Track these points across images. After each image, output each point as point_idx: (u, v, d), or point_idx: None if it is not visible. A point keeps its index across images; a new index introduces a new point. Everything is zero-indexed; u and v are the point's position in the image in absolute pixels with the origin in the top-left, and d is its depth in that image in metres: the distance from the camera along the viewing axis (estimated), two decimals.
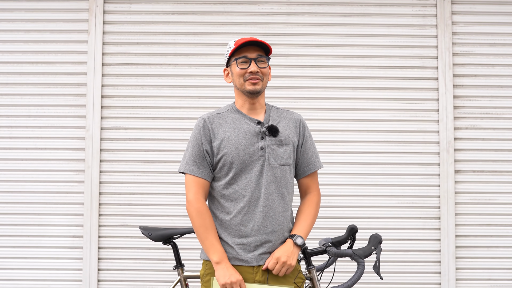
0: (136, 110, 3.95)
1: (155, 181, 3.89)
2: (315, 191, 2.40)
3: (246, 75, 2.23)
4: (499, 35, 3.98)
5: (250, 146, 2.21)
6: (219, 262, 2.14)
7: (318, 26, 4.00)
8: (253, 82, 2.22)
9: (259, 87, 2.23)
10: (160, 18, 4.00)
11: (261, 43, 2.23)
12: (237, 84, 2.26)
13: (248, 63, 2.23)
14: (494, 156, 3.93)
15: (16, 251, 3.87)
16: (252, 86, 2.22)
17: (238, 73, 2.24)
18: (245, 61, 2.23)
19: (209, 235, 2.17)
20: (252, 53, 2.23)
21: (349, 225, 2.75)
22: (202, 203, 2.22)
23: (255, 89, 2.23)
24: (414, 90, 3.97)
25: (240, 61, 2.23)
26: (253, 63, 2.22)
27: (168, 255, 3.83)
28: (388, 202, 3.91)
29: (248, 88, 2.23)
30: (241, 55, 2.23)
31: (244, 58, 2.22)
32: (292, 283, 2.24)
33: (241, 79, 2.24)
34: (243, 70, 2.23)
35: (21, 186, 3.90)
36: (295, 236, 2.23)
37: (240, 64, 2.23)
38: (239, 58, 2.23)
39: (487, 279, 3.88)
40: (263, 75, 2.25)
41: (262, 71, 2.24)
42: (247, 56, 2.22)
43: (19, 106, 3.94)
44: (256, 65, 2.22)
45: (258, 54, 2.24)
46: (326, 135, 3.93)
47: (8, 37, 3.97)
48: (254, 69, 2.21)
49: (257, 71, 2.22)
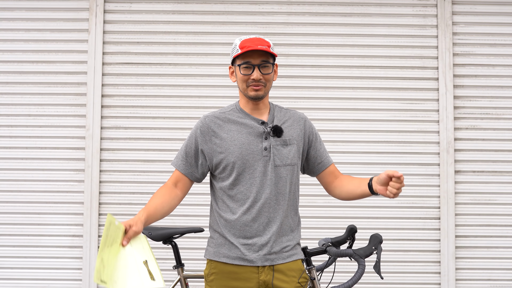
0: (136, 109, 3.95)
1: (155, 181, 3.89)
2: (341, 173, 2.37)
3: (249, 81, 2.20)
4: (500, 36, 3.99)
5: (254, 146, 2.21)
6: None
7: (318, 26, 4.00)
8: (255, 89, 2.20)
9: (261, 93, 2.21)
10: (161, 17, 4.00)
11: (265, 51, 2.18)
12: (240, 88, 2.25)
13: (252, 69, 2.18)
14: (494, 157, 3.94)
15: (16, 250, 3.87)
16: (254, 92, 2.20)
17: (241, 79, 2.21)
18: (248, 66, 2.18)
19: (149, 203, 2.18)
20: (256, 59, 2.18)
21: (349, 225, 2.75)
22: (163, 187, 2.23)
23: (257, 95, 2.21)
24: (414, 90, 3.97)
25: (243, 67, 2.20)
26: (256, 70, 2.18)
27: (168, 254, 3.82)
28: (388, 202, 3.91)
29: (250, 94, 2.21)
30: (245, 60, 2.19)
31: (248, 64, 2.18)
32: (296, 282, 2.24)
33: (244, 84, 2.22)
34: (246, 76, 2.19)
35: (21, 185, 3.90)
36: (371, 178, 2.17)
37: (243, 69, 2.19)
38: (243, 64, 2.19)
39: (487, 280, 3.88)
40: (267, 81, 2.21)
41: (265, 77, 2.20)
42: (250, 62, 2.18)
43: (19, 105, 3.94)
44: (260, 72, 2.18)
45: (262, 60, 2.18)
46: (326, 135, 3.93)
47: (9, 36, 3.97)
48: (257, 76, 2.18)
49: (260, 79, 2.18)
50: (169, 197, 2.23)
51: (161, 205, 2.18)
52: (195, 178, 2.29)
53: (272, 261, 2.20)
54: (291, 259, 2.24)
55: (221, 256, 2.22)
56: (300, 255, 2.29)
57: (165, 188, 2.24)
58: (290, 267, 2.23)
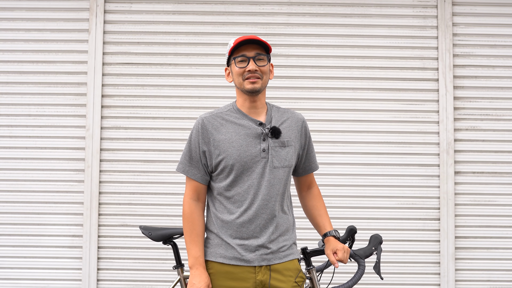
0: (136, 109, 3.95)
1: (155, 181, 3.89)
2: (315, 184, 2.48)
3: (245, 74, 2.20)
4: (500, 37, 3.99)
5: (252, 148, 2.20)
6: (191, 267, 2.21)
7: (318, 26, 4.00)
8: (252, 81, 2.19)
9: (258, 86, 2.21)
10: (161, 17, 4.00)
11: (259, 41, 2.21)
12: (236, 83, 2.25)
13: (247, 61, 2.20)
14: (494, 158, 3.94)
15: (15, 250, 3.87)
16: (251, 85, 2.20)
17: (237, 72, 2.22)
18: (244, 59, 2.20)
19: (190, 238, 2.23)
20: (251, 52, 2.20)
21: (348, 226, 2.75)
22: (194, 207, 2.26)
23: (254, 88, 2.20)
24: (414, 91, 3.97)
25: (238, 60, 2.21)
26: (252, 62, 2.19)
27: (168, 255, 3.82)
28: (388, 203, 3.91)
29: (247, 87, 2.21)
30: (240, 54, 2.21)
31: (243, 57, 2.20)
32: (293, 282, 2.24)
33: (240, 78, 2.22)
34: (242, 69, 2.20)
35: (21, 185, 3.90)
36: (332, 231, 2.35)
37: (238, 63, 2.21)
38: (238, 57, 2.21)
39: (487, 280, 3.88)
40: (263, 74, 2.22)
41: (261, 69, 2.21)
42: (245, 55, 2.20)
43: (19, 105, 3.93)
44: (255, 63, 2.19)
45: (257, 53, 2.21)
46: (326, 135, 3.93)
47: (9, 36, 3.97)
48: (253, 67, 2.19)
49: (255, 70, 2.19)
50: (203, 217, 2.29)
51: (203, 230, 2.27)
52: (205, 181, 2.29)
53: (269, 261, 2.20)
54: (287, 258, 2.24)
55: (217, 256, 2.22)
56: (296, 255, 2.29)
57: (197, 210, 2.26)
58: (287, 267, 2.24)
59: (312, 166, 2.41)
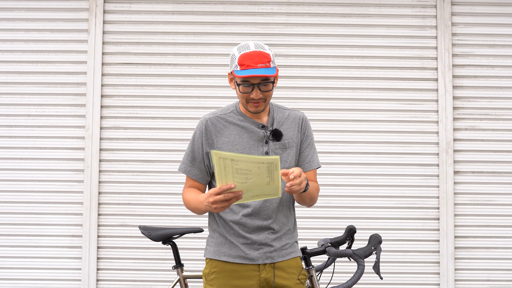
0: (135, 109, 3.95)
1: (154, 181, 3.89)
2: (315, 183, 2.36)
3: (249, 98, 2.19)
4: (499, 36, 3.99)
5: (255, 151, 2.21)
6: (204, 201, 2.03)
7: (318, 26, 4.01)
8: (255, 105, 2.19)
9: (261, 109, 2.19)
10: (160, 18, 4.00)
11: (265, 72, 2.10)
12: (239, 99, 2.23)
13: (251, 88, 2.14)
14: (493, 157, 3.94)
15: (15, 250, 3.87)
16: (254, 108, 2.19)
17: (240, 95, 2.20)
18: (248, 85, 2.14)
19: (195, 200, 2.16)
20: (256, 79, 2.13)
21: (348, 226, 2.76)
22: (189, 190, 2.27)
23: (257, 111, 2.20)
24: (413, 91, 3.97)
25: (242, 86, 2.15)
26: (256, 89, 2.14)
27: (168, 255, 3.83)
28: (387, 202, 3.91)
29: (250, 109, 2.20)
30: (244, 79, 2.13)
31: (247, 83, 2.14)
32: (296, 279, 2.25)
33: (243, 100, 2.20)
34: (246, 94, 2.17)
35: (21, 185, 3.90)
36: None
37: (242, 88, 2.15)
38: (242, 82, 2.14)
39: (486, 280, 3.88)
40: (267, 97, 2.18)
41: (265, 94, 2.16)
42: (249, 82, 2.13)
43: (19, 105, 3.94)
44: (259, 90, 2.14)
45: (262, 79, 2.13)
46: (325, 135, 3.93)
47: (8, 36, 3.97)
48: (256, 95, 2.14)
49: (259, 97, 2.15)
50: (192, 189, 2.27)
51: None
52: (205, 181, 2.29)
53: (272, 259, 2.22)
54: (290, 256, 2.26)
55: (221, 255, 2.22)
56: (298, 253, 2.31)
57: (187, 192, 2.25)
58: (290, 264, 2.25)
59: (305, 165, 2.32)
